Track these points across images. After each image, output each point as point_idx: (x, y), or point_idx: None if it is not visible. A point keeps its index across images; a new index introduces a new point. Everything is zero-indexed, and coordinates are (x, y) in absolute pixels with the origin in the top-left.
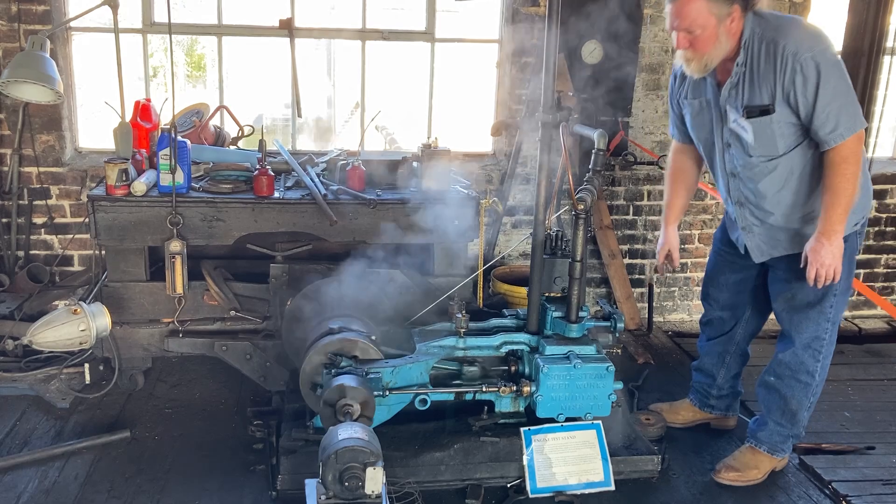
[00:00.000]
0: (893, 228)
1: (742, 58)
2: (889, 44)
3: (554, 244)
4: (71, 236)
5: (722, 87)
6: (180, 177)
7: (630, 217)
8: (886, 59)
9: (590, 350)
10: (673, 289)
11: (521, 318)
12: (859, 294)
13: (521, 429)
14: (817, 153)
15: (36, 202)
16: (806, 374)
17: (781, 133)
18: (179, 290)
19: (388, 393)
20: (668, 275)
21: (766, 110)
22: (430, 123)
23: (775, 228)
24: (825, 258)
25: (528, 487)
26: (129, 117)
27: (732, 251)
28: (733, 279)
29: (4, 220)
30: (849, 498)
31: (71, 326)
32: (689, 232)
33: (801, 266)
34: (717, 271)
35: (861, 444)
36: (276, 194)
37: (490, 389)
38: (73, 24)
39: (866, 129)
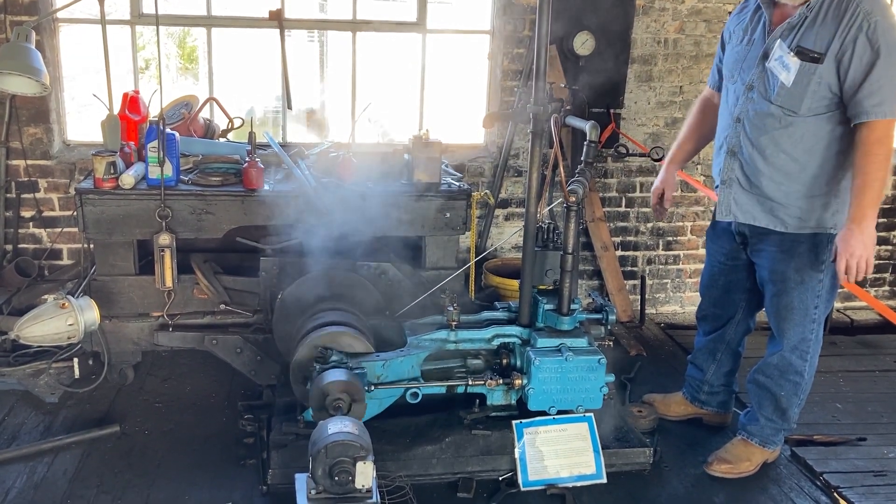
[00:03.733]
0: (885, 220)
1: (815, 1)
2: None
3: (546, 236)
4: (59, 230)
5: (774, 30)
6: (169, 169)
7: (622, 209)
8: None
9: (581, 342)
10: (665, 281)
11: (513, 311)
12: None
13: (513, 422)
14: (833, 135)
15: (24, 195)
16: (795, 373)
17: (814, 92)
18: (169, 283)
19: (372, 388)
20: (663, 224)
21: (816, 58)
22: (422, 115)
23: (754, 190)
24: (856, 248)
25: (519, 480)
26: (117, 109)
27: (721, 251)
28: (722, 281)
29: None
30: (840, 489)
31: (59, 321)
32: (681, 224)
33: (832, 259)
34: (709, 269)
35: (852, 435)
36: (266, 187)
37: (480, 383)
38: (59, 14)
39: None
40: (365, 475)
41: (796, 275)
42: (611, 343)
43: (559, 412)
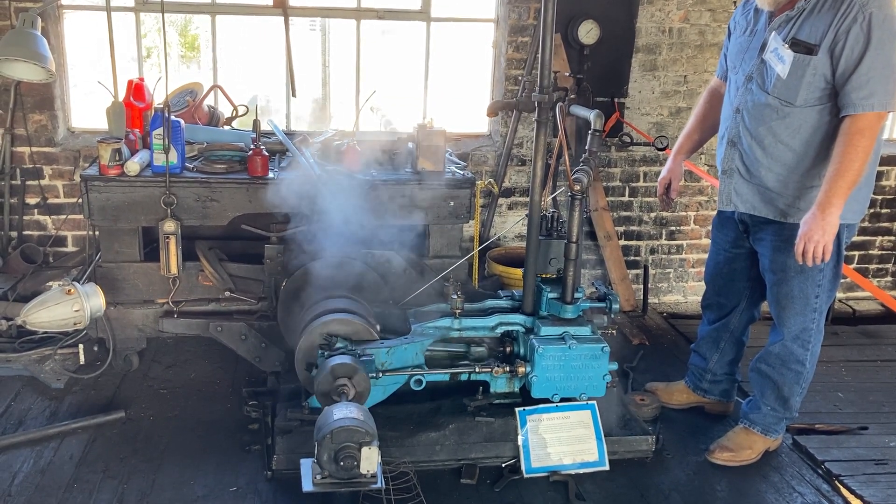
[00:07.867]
0: (889, 210)
1: None
2: None
3: (549, 225)
4: (64, 217)
5: (774, 20)
6: (174, 157)
7: (626, 198)
8: None
9: (585, 331)
10: (668, 270)
11: (517, 299)
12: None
13: (516, 409)
14: (830, 126)
15: (29, 182)
16: (796, 363)
17: (809, 83)
18: (174, 270)
19: (380, 375)
20: (666, 214)
21: (810, 49)
22: (426, 104)
23: (754, 180)
24: (815, 233)
25: (522, 467)
26: (122, 97)
27: (726, 239)
28: (727, 269)
29: None
30: (841, 477)
31: (65, 307)
32: (684, 213)
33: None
34: (714, 257)
35: (854, 424)
36: (271, 174)
37: (483, 370)
38: (63, 1)
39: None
40: (370, 460)
41: (796, 264)
42: (614, 332)
43: (562, 400)
